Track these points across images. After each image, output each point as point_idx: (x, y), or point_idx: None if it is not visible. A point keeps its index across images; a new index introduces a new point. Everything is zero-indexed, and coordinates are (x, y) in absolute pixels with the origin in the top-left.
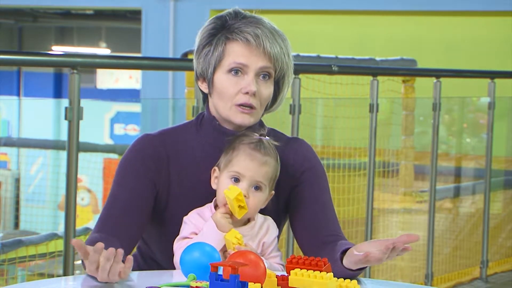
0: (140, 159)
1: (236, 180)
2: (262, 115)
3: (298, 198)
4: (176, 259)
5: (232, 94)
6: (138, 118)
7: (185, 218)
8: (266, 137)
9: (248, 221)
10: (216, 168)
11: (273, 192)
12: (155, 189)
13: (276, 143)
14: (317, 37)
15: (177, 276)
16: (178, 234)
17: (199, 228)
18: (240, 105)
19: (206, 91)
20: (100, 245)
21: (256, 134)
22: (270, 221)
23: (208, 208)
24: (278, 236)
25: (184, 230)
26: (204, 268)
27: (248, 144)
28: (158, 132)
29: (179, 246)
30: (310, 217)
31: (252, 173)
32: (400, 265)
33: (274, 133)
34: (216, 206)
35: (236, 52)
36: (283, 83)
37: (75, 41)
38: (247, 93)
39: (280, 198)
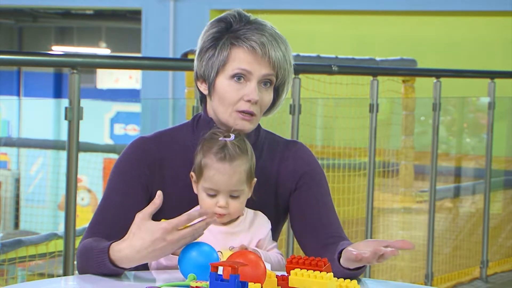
0: (133, 163)
1: (213, 195)
2: None
3: (299, 202)
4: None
5: (233, 100)
6: (138, 118)
7: None
8: (231, 135)
9: (237, 218)
10: (192, 173)
11: (255, 179)
12: (148, 193)
13: (242, 132)
14: (317, 37)
15: (177, 276)
16: None
17: None
18: (241, 111)
19: (205, 92)
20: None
21: (220, 133)
22: (260, 216)
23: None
24: (277, 232)
25: None
26: (202, 268)
27: (214, 154)
28: (153, 135)
29: None
30: (311, 220)
31: (224, 186)
32: (400, 265)
33: (271, 136)
34: None
35: (241, 58)
36: (282, 89)
37: (75, 41)
38: (249, 101)
39: (279, 200)
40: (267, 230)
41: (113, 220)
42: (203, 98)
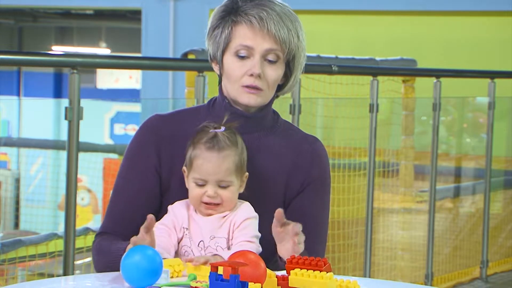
0: (141, 145)
1: (201, 185)
2: (277, 96)
3: (298, 204)
4: None
5: (238, 76)
6: (138, 118)
7: (169, 207)
8: (222, 127)
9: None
10: (184, 168)
11: (247, 174)
12: (158, 175)
13: (235, 124)
14: (317, 37)
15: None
16: None
17: (178, 217)
18: (246, 86)
19: (218, 72)
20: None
21: (211, 126)
22: (244, 204)
23: (184, 203)
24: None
25: (165, 219)
26: (145, 272)
27: (203, 143)
28: (169, 113)
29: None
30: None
31: (212, 176)
32: (400, 265)
33: (289, 127)
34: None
35: (241, 35)
36: (293, 64)
37: (75, 41)
38: (252, 75)
39: (288, 189)
40: (243, 217)
41: (125, 211)
42: (220, 79)
